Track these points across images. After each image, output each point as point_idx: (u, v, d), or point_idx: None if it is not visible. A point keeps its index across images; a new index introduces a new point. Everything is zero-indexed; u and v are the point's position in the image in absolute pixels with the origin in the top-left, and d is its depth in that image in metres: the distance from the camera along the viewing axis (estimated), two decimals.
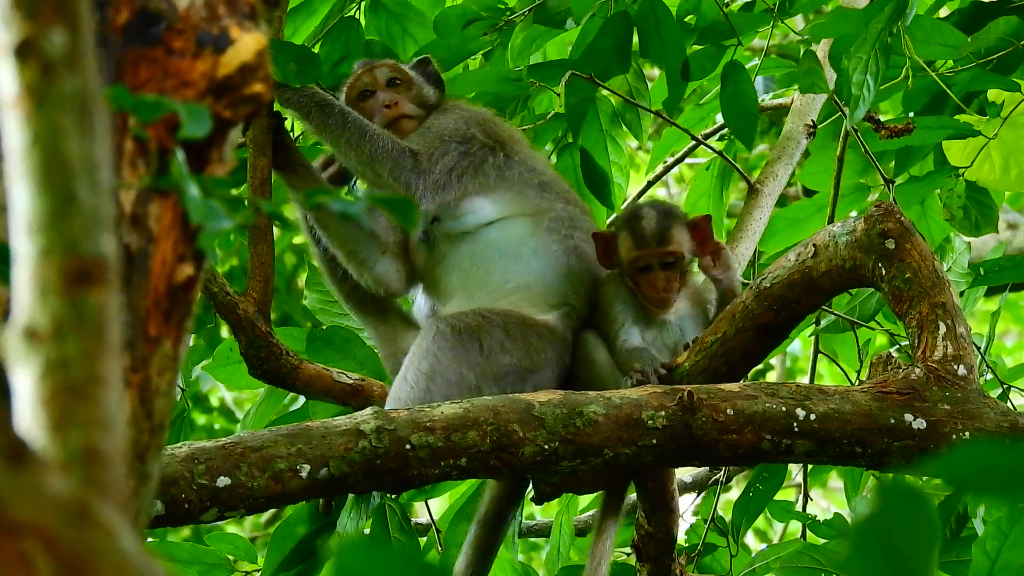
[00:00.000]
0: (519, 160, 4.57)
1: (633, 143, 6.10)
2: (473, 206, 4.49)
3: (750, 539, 8.90)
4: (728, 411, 3.92)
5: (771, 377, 9.18)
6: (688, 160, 6.42)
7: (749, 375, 4.47)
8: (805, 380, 6.15)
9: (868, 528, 1.58)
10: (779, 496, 5.04)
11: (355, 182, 4.70)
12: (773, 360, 9.18)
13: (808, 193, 6.18)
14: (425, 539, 5.16)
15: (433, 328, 4.27)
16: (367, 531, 4.73)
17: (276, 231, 4.58)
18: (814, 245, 4.11)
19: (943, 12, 5.40)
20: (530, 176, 4.57)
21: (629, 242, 4.33)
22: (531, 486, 4.38)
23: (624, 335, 4.29)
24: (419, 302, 4.61)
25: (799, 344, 8.98)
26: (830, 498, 9.88)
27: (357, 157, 4.44)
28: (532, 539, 7.55)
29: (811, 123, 5.56)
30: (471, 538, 4.49)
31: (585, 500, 5.38)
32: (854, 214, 5.40)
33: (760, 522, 9.04)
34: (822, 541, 5.00)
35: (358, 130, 4.44)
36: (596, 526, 4.35)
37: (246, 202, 2.13)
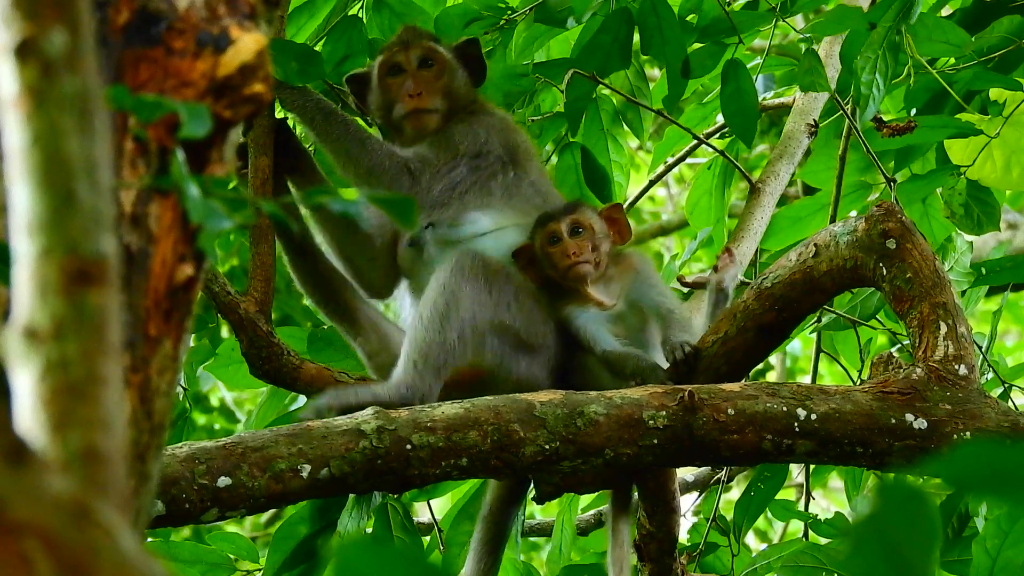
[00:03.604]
0: (529, 181, 4.54)
1: (634, 143, 6.09)
2: (471, 218, 4.47)
3: (750, 539, 8.89)
4: (729, 411, 3.92)
5: (772, 377, 9.17)
6: (689, 160, 6.42)
7: (749, 374, 4.47)
8: (806, 380, 6.15)
9: (869, 528, 1.58)
10: (780, 496, 5.04)
11: None
12: (774, 360, 9.17)
13: (809, 192, 6.18)
14: (428, 539, 5.15)
15: (453, 260, 4.28)
16: (369, 531, 4.73)
17: None
18: (815, 245, 4.11)
19: (945, 11, 5.40)
20: (534, 196, 4.54)
21: (540, 231, 4.40)
22: (532, 486, 4.38)
23: (599, 344, 4.29)
24: (404, 307, 4.59)
25: (799, 344, 8.99)
26: (830, 498, 9.87)
27: (356, 170, 4.42)
28: (533, 539, 7.55)
29: (813, 122, 5.56)
30: (478, 538, 4.48)
31: (586, 499, 5.38)
32: (854, 214, 5.40)
33: (761, 523, 9.04)
34: (824, 541, 5.00)
35: (359, 143, 4.42)
36: (610, 529, 4.34)
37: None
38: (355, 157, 4.41)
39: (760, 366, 5.16)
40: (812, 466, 5.52)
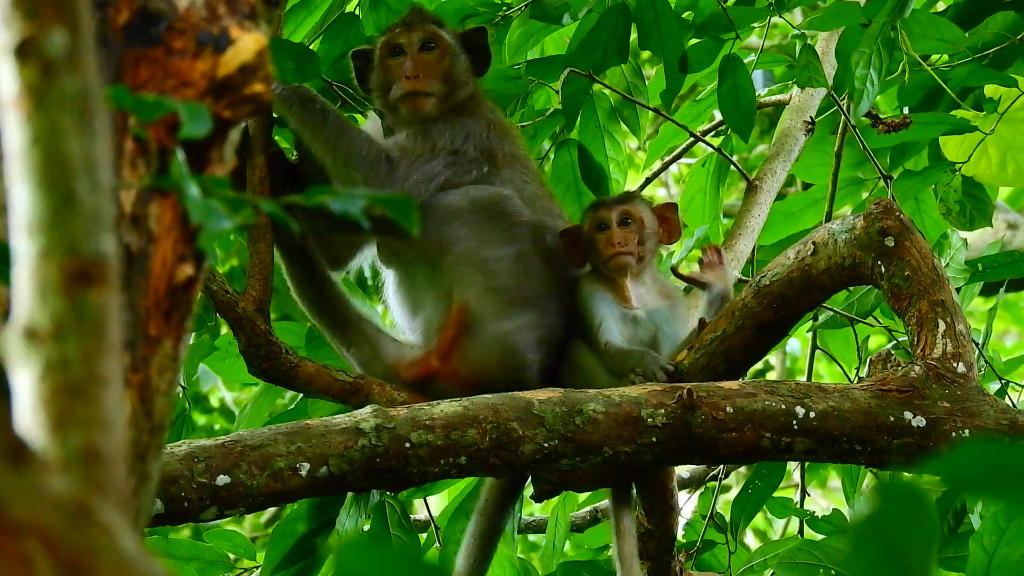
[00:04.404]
0: (502, 180, 4.51)
1: (633, 143, 6.09)
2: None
3: (750, 539, 8.88)
4: (728, 409, 3.92)
5: (771, 377, 9.17)
6: (685, 160, 6.41)
7: (749, 374, 4.47)
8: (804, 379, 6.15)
9: (868, 528, 1.58)
10: (779, 494, 5.04)
11: None
12: (773, 360, 9.17)
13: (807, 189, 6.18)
14: (425, 536, 5.16)
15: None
16: (366, 529, 4.73)
17: None
18: (813, 243, 4.12)
19: (940, 6, 5.41)
20: None
21: (591, 215, 4.44)
22: (530, 483, 4.39)
23: (604, 334, 4.29)
24: (388, 291, 4.58)
25: (799, 344, 8.98)
26: (830, 498, 9.87)
27: (333, 158, 4.39)
28: (532, 540, 7.55)
29: (810, 119, 5.56)
30: (472, 531, 4.48)
31: (583, 495, 5.38)
32: (848, 211, 5.41)
33: (761, 523, 9.04)
34: (820, 537, 5.00)
35: (337, 130, 4.40)
36: (613, 524, 4.34)
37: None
38: (333, 144, 4.39)
39: (760, 366, 5.16)
40: (807, 463, 5.52)
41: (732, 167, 5.47)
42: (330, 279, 4.54)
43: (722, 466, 5.55)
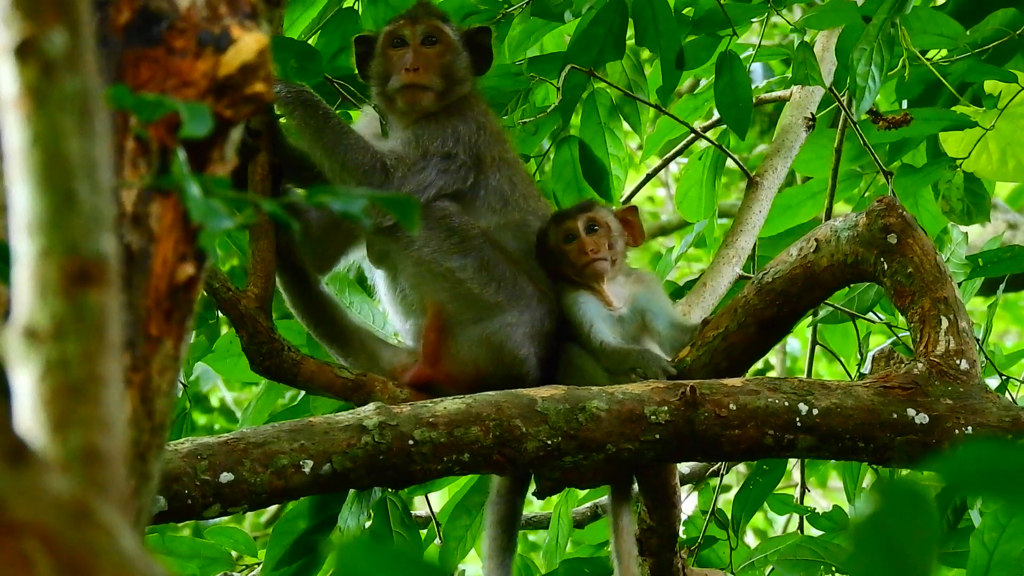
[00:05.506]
0: (492, 187, 4.51)
1: (633, 143, 6.08)
2: None
3: (750, 539, 8.88)
4: (731, 406, 3.92)
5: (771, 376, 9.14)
6: (683, 159, 6.40)
7: (749, 372, 4.46)
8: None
9: (869, 526, 1.59)
10: (779, 492, 5.04)
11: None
12: (774, 360, 9.17)
13: None
14: (425, 532, 5.16)
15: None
16: (368, 526, 4.73)
17: None
18: (815, 240, 4.11)
19: (939, 1, 5.40)
20: (495, 200, 4.52)
21: (554, 228, 4.43)
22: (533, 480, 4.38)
23: (598, 335, 4.29)
24: (381, 293, 4.59)
25: (799, 344, 8.98)
26: (831, 497, 9.87)
27: (330, 163, 4.39)
28: (532, 539, 7.54)
29: (810, 115, 5.56)
30: (491, 520, 4.44)
31: (584, 491, 5.38)
32: (848, 210, 5.41)
33: (761, 523, 9.04)
34: (820, 534, 5.00)
35: (335, 136, 4.38)
36: (612, 522, 4.34)
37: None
38: (331, 150, 4.38)
39: (760, 365, 5.16)
40: (806, 460, 5.52)
41: (730, 162, 5.47)
42: (323, 292, 4.54)
43: (723, 463, 5.54)
